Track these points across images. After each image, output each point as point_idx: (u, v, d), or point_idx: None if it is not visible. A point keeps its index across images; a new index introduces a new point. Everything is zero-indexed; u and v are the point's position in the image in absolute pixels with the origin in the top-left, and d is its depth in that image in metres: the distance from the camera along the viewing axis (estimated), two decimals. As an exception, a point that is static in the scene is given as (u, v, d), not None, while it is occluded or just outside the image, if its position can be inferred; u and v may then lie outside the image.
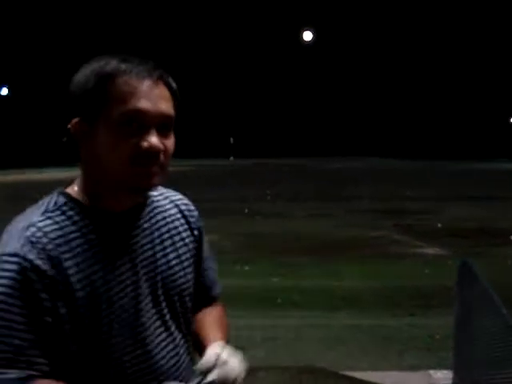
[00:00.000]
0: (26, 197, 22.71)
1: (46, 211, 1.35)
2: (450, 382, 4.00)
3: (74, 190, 1.40)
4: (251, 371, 3.57)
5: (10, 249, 1.27)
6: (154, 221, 1.48)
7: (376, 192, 23.29)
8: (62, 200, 1.37)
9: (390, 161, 68.50)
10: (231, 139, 79.27)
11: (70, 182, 1.43)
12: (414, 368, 4.65)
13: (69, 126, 1.35)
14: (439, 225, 13.80)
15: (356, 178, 34.48)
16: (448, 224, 13.90)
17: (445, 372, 4.29)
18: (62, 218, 1.34)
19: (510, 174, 39.27)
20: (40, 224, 1.31)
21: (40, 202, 1.40)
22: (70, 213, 1.35)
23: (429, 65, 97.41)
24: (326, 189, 25.34)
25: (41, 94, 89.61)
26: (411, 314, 6.38)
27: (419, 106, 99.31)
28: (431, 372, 4.43)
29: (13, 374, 1.21)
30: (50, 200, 1.38)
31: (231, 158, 70.92)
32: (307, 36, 54.58)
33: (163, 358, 1.42)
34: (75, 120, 1.34)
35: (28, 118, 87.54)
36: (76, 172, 1.41)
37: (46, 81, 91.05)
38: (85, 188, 1.39)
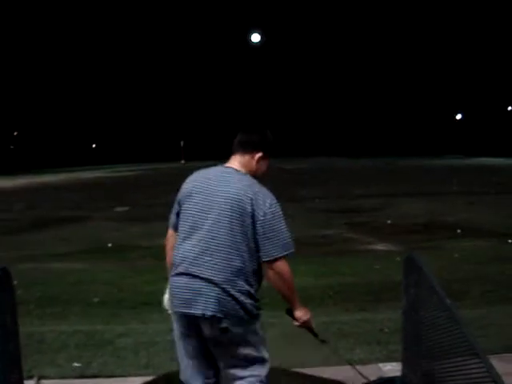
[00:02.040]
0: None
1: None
2: (399, 373, 4.09)
3: None
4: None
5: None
6: None
7: (326, 191, 23.54)
8: None
9: (338, 160, 69.25)
10: (182, 142, 78.79)
11: None
12: (364, 362, 4.73)
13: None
14: (389, 221, 14.06)
15: (305, 178, 34.74)
16: (398, 220, 14.17)
17: (394, 364, 4.38)
18: None
19: (457, 170, 40.18)
20: None
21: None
22: None
23: (376, 64, 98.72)
24: (276, 190, 25.43)
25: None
26: (362, 309, 6.50)
27: (366, 104, 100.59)
28: (380, 365, 4.52)
29: None
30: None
31: (182, 162, 70.49)
32: (255, 38, 54.61)
33: None
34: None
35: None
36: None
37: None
38: None
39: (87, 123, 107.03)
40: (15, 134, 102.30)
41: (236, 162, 3.23)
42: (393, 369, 4.35)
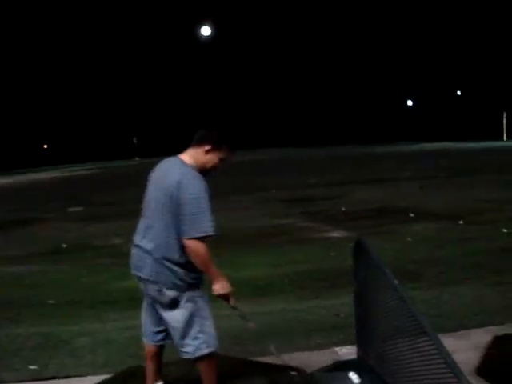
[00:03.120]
0: None
1: None
2: (355, 356, 4.17)
3: None
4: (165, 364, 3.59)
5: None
6: None
7: (280, 182, 23.67)
8: None
9: (293, 150, 69.65)
10: (134, 139, 78.06)
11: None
12: (320, 347, 4.80)
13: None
14: (343, 209, 14.23)
15: (262, 169, 34.87)
16: (352, 207, 14.35)
17: (349, 347, 4.46)
18: None
19: (409, 156, 40.86)
20: None
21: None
22: None
23: (328, 52, 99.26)
24: (232, 182, 25.50)
25: None
26: (317, 296, 6.58)
27: (319, 94, 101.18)
28: (337, 349, 4.60)
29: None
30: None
31: (137, 158, 69.86)
32: (205, 31, 54.31)
33: None
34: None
35: None
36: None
37: None
38: None
39: (37, 123, 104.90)
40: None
41: (187, 153, 3.72)
42: (348, 352, 4.43)
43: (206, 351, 3.60)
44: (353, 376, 3.93)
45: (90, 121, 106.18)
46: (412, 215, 12.42)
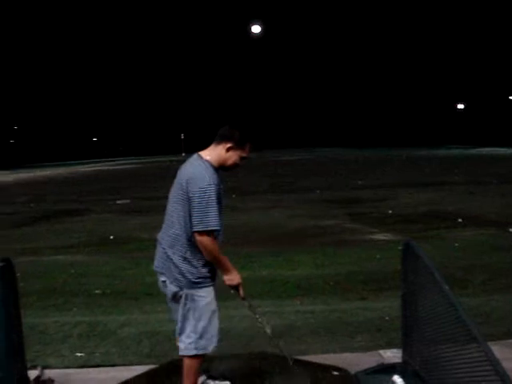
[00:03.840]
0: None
1: None
2: (400, 360, 4.12)
3: None
4: (205, 360, 3.63)
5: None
6: None
7: (328, 182, 23.57)
8: None
9: (340, 150, 69.24)
10: (182, 135, 78.78)
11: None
12: (365, 349, 4.76)
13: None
14: (390, 211, 14.06)
15: (307, 169, 34.76)
16: (398, 210, 14.17)
17: (395, 351, 4.40)
18: None
19: (457, 160, 40.17)
20: None
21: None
22: None
23: (379, 54, 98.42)
24: (277, 181, 25.49)
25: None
26: (363, 298, 6.52)
27: (369, 95, 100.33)
28: (381, 352, 4.55)
29: None
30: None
31: (183, 154, 70.54)
32: (256, 29, 54.48)
33: None
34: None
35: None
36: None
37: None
38: None
39: (88, 117, 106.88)
40: (15, 128, 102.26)
41: (208, 150, 3.80)
42: (393, 355, 4.37)
43: (192, 352, 3.68)
44: (397, 379, 3.89)
45: (141, 116, 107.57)
46: (460, 220, 12.20)
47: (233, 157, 3.74)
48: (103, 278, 8.12)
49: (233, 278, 3.73)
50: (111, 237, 11.84)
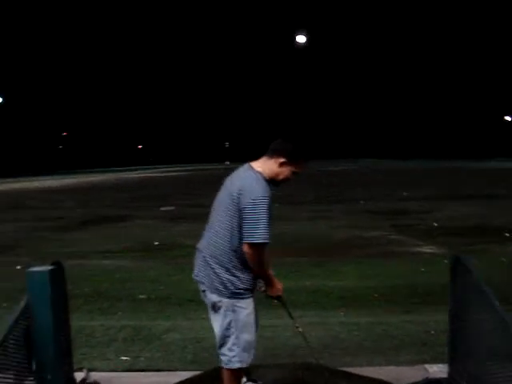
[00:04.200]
0: (24, 206, 22.88)
1: None
2: (446, 375, 4.06)
3: None
4: (250, 368, 3.64)
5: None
6: None
7: (372, 193, 23.38)
8: None
9: (384, 162, 68.61)
10: (226, 144, 79.25)
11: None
12: (410, 363, 4.70)
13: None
14: (435, 224, 13.87)
15: (352, 179, 34.55)
16: (444, 223, 13.97)
17: (440, 366, 4.34)
18: None
19: (505, 172, 39.37)
20: None
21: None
22: None
23: (422, 67, 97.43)
24: (322, 191, 25.41)
25: (35, 104, 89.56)
26: (407, 311, 6.44)
27: (416, 106, 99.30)
28: (427, 366, 4.48)
29: None
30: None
31: (227, 163, 70.89)
32: (301, 39, 54.49)
33: None
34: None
35: (21, 127, 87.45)
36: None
37: (41, 90, 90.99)
38: None
39: (134, 125, 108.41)
40: (64, 134, 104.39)
41: (260, 161, 3.72)
42: (439, 370, 4.31)
43: (236, 365, 3.64)
44: (444, 395, 3.83)
45: (186, 124, 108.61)
46: (507, 235, 11.96)
47: (285, 172, 3.67)
48: (148, 284, 8.22)
49: (275, 289, 3.76)
50: (156, 243, 11.98)
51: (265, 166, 3.66)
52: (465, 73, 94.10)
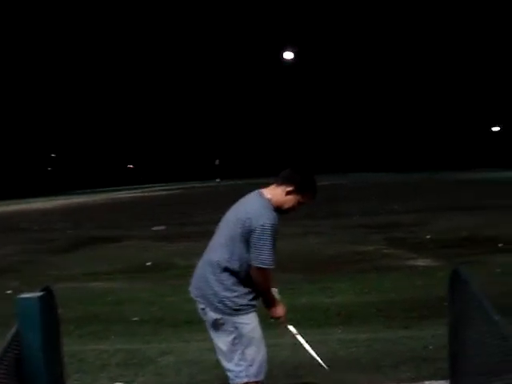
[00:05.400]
0: (15, 228, 22.68)
1: None
2: (447, 391, 3.99)
3: None
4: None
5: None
6: None
7: (364, 207, 23.35)
8: None
9: (374, 175, 68.82)
10: (217, 161, 79.21)
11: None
12: (410, 379, 4.63)
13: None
14: (428, 236, 13.84)
15: (343, 194, 34.55)
16: (437, 235, 13.94)
17: (441, 382, 4.28)
18: None
19: (494, 183, 39.53)
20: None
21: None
22: None
23: (409, 79, 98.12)
24: (314, 206, 25.36)
25: (22, 125, 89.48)
26: (405, 326, 6.37)
27: (399, 121, 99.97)
28: (427, 382, 4.43)
29: None
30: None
31: (217, 180, 70.82)
32: (288, 55, 54.83)
33: None
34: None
35: (9, 149, 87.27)
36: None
37: (28, 111, 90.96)
38: None
39: (123, 144, 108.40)
40: (53, 155, 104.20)
41: (269, 189, 3.81)
42: (439, 387, 4.25)
43: (243, 380, 3.61)
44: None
45: (175, 142, 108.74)
46: (501, 245, 11.93)
47: (291, 201, 3.77)
48: (141, 305, 8.11)
49: (279, 311, 3.83)
50: (148, 263, 11.87)
51: (273, 193, 3.76)
52: (452, 84, 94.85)
